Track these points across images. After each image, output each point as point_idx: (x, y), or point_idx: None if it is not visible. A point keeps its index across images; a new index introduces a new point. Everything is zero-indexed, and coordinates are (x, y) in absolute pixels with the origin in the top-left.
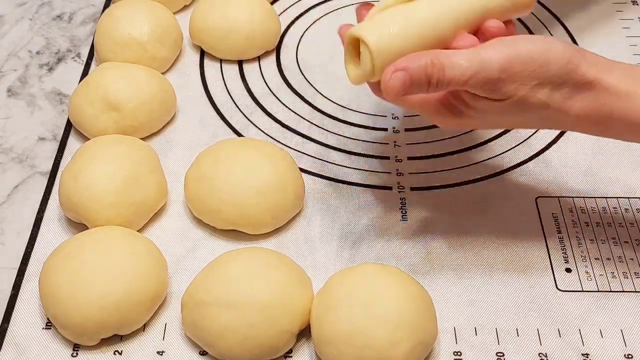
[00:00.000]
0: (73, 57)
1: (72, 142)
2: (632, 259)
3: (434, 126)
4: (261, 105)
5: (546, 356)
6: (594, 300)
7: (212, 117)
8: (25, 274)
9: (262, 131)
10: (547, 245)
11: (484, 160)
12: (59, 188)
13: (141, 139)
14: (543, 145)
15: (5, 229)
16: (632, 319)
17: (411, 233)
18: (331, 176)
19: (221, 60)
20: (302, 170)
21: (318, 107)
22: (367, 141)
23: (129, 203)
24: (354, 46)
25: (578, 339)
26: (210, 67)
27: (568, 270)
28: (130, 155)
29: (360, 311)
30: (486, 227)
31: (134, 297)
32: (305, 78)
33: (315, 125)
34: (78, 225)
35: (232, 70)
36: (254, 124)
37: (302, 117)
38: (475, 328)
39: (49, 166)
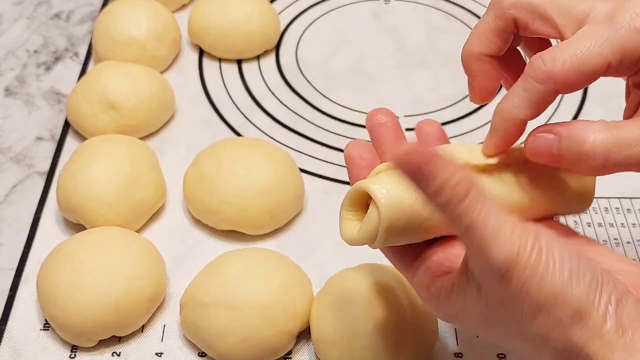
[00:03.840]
0: (71, 56)
1: (70, 142)
2: (634, 260)
3: None
4: (260, 104)
5: None
6: None
7: (211, 116)
8: (23, 274)
9: (262, 131)
10: None
11: None
12: (57, 188)
13: (140, 138)
14: None
15: (3, 229)
16: None
17: None
18: (331, 176)
19: (220, 60)
20: (302, 170)
21: (318, 107)
22: (367, 141)
23: (127, 203)
24: (359, 197)
25: None
26: (209, 66)
27: None
28: (129, 155)
29: (361, 312)
30: None
31: (132, 298)
32: (305, 77)
33: (315, 125)
34: (76, 226)
35: (231, 70)
36: (253, 124)
37: (302, 117)
38: None
39: (46, 166)
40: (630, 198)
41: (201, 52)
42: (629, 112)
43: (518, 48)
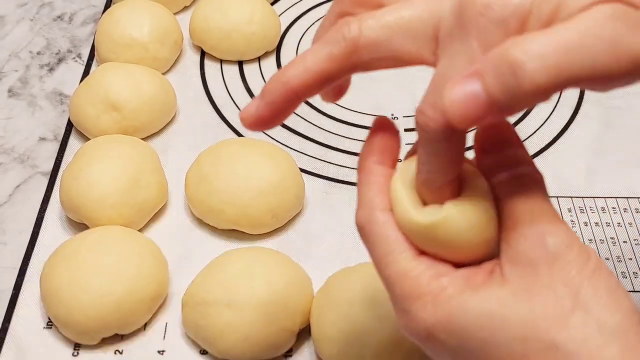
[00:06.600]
0: (74, 58)
1: (73, 142)
2: (631, 259)
3: None
4: None
5: None
6: None
7: (213, 117)
8: (27, 273)
9: (262, 131)
10: None
11: None
12: (60, 188)
13: (142, 139)
14: (542, 145)
15: (7, 228)
16: None
17: None
18: (331, 176)
19: (221, 61)
20: (302, 170)
21: (318, 107)
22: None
23: (129, 203)
24: None
25: None
26: (211, 67)
27: None
28: (131, 156)
29: (360, 310)
30: None
31: (134, 297)
32: None
33: (315, 125)
34: (79, 225)
35: (232, 71)
36: None
37: (302, 117)
38: None
39: (50, 166)
40: (628, 198)
41: (202, 54)
42: None
43: None
